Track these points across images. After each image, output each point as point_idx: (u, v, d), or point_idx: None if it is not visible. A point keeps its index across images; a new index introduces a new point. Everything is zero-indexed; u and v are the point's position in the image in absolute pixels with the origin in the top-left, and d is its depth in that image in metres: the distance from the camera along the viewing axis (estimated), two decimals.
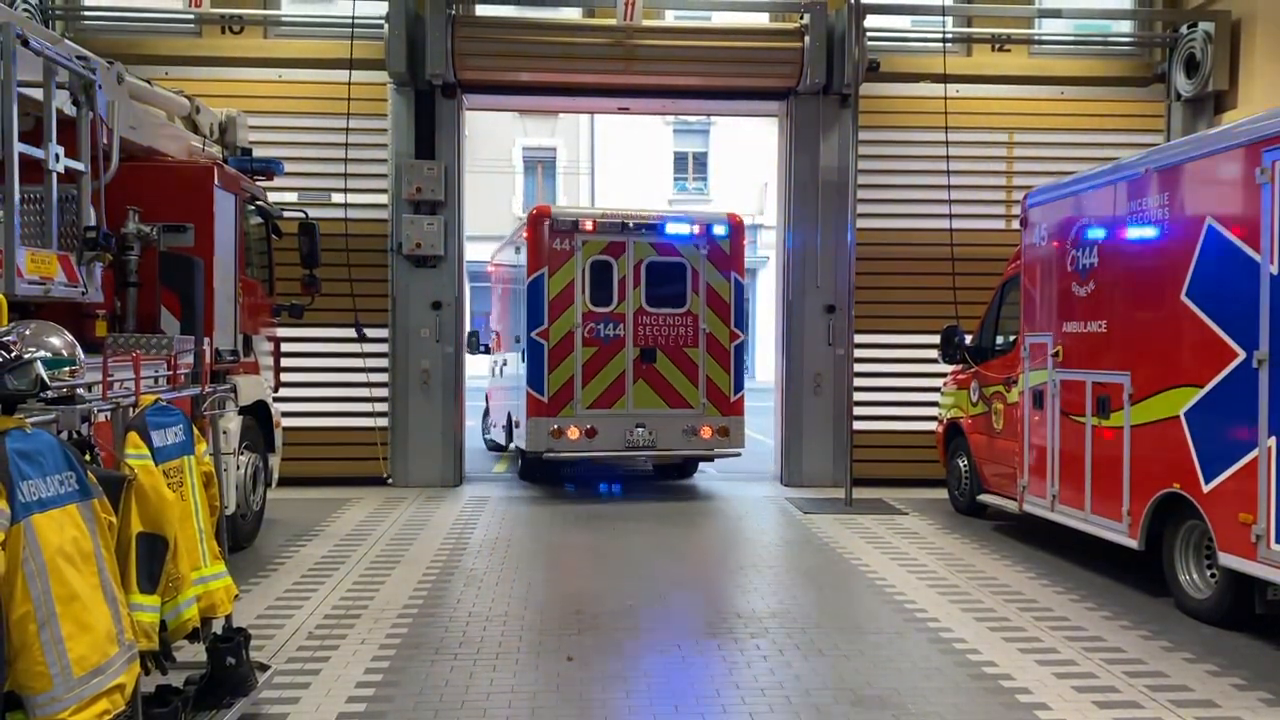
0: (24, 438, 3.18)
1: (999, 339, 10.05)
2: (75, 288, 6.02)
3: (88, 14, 12.45)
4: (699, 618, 6.70)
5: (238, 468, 8.29)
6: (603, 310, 11.67)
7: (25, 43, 5.45)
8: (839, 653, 5.97)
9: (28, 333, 4.05)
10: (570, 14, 12.88)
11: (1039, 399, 8.69)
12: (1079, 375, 8.13)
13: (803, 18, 12.08)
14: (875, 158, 12.43)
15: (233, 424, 8.03)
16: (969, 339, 10.38)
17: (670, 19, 13.47)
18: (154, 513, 3.93)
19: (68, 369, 3.91)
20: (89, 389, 3.93)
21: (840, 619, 6.75)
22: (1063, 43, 13.09)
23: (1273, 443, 5.93)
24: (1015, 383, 9.23)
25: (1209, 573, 6.71)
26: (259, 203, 9.21)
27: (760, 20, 13.24)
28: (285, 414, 10.00)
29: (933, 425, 11.43)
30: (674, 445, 11.91)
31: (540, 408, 11.57)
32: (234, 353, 8.27)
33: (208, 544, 4.50)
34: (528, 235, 11.76)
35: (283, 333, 10.12)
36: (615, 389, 11.69)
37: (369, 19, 12.08)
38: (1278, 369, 5.94)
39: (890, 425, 12.47)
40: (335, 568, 8.02)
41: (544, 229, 11.59)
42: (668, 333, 11.80)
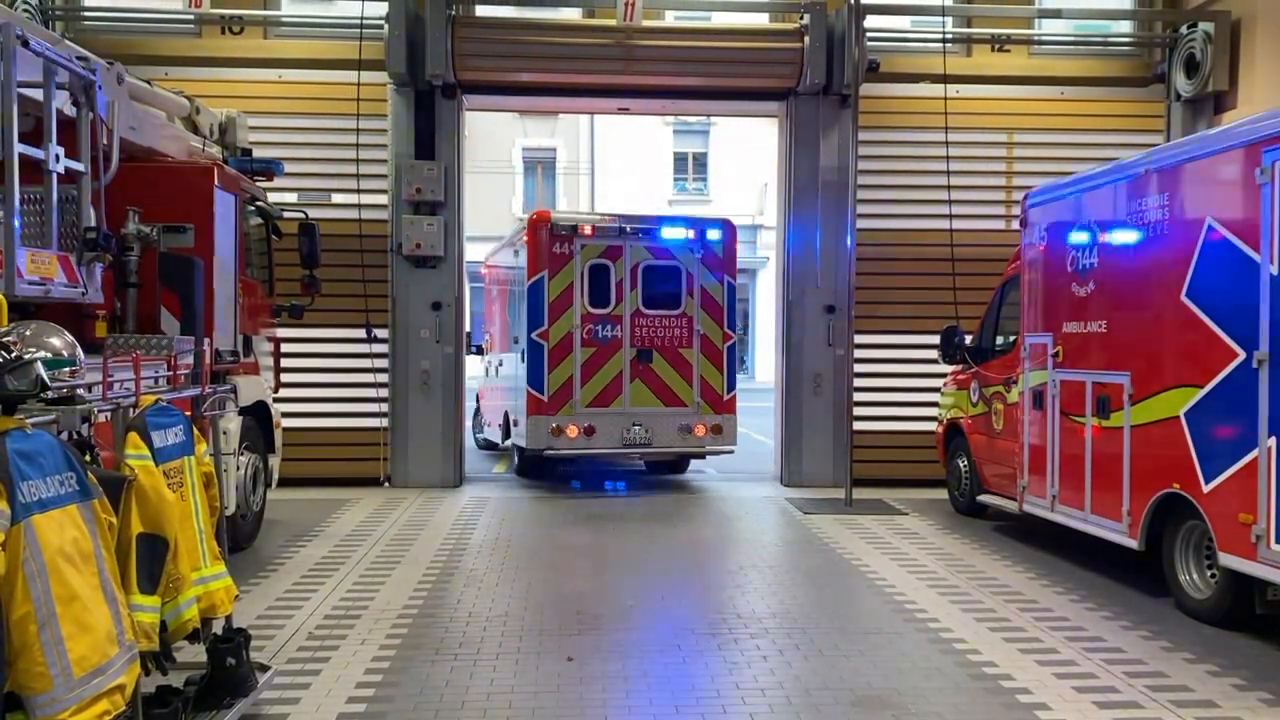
0: (24, 438, 3.18)
1: (999, 339, 10.06)
2: (75, 288, 6.02)
3: (88, 14, 12.45)
4: (699, 618, 6.70)
5: (238, 468, 8.29)
6: (601, 312, 11.97)
7: (25, 43, 5.45)
8: (839, 653, 5.97)
9: (28, 333, 4.05)
10: (570, 14, 12.88)
11: (1039, 399, 8.69)
12: (1079, 375, 8.14)
13: (802, 18, 12.08)
14: (875, 158, 12.43)
15: (233, 425, 8.03)
16: (969, 339, 10.38)
17: (670, 19, 13.48)
18: (154, 513, 3.93)
19: (68, 369, 3.91)
20: (89, 389, 3.93)
21: (840, 619, 6.76)
22: (1062, 43, 13.08)
23: (1273, 443, 5.93)
24: (1015, 383, 9.23)
25: (1209, 573, 6.71)
26: (259, 203, 9.21)
27: (760, 21, 13.25)
28: (285, 414, 10.00)
29: (932, 425, 11.43)
30: (669, 443, 12.22)
31: (540, 407, 11.85)
32: (234, 353, 8.27)
33: (208, 544, 4.50)
34: (528, 239, 12.05)
35: (282, 333, 10.13)
36: (613, 388, 11.99)
37: (369, 19, 12.08)
38: (1277, 369, 5.94)
39: (890, 425, 12.47)
40: (335, 568, 8.02)
41: (544, 233, 11.89)
42: (663, 334, 12.12)
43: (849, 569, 8.20)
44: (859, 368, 11.91)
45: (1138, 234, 7.40)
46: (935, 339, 10.71)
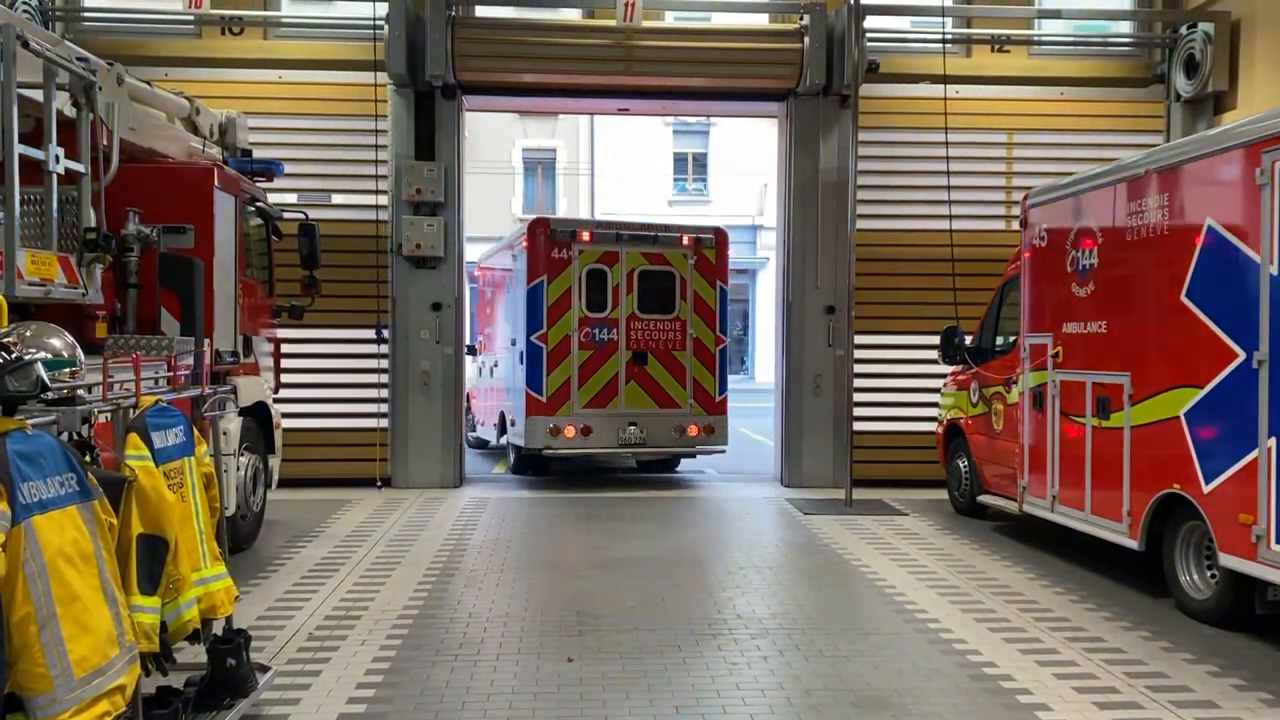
0: (25, 439, 3.18)
1: (999, 340, 10.06)
2: (75, 289, 6.02)
3: (88, 15, 12.45)
4: (699, 618, 6.69)
5: (238, 469, 8.29)
6: (598, 315, 12.41)
7: (25, 44, 5.45)
8: (839, 653, 5.97)
9: (28, 334, 4.05)
10: (570, 15, 12.88)
11: (1039, 400, 8.69)
12: (1079, 376, 8.14)
13: (802, 19, 12.08)
14: (875, 158, 12.43)
15: (233, 425, 8.03)
16: (969, 340, 10.38)
17: (670, 20, 13.48)
18: (154, 514, 3.93)
19: (68, 370, 3.91)
20: (89, 390, 3.93)
21: (840, 620, 6.76)
22: (1062, 43, 13.08)
23: (1273, 443, 5.93)
24: (1015, 383, 9.23)
25: (1209, 573, 6.71)
26: (259, 204, 9.21)
27: (760, 21, 13.24)
28: (285, 415, 10.00)
29: (932, 426, 11.44)
30: (664, 443, 12.68)
31: (539, 407, 12.24)
32: (234, 354, 8.27)
33: (208, 545, 4.50)
34: (527, 244, 12.44)
35: (282, 334, 10.13)
36: (609, 390, 12.44)
37: (369, 20, 12.08)
38: (1277, 369, 5.94)
39: (890, 426, 12.47)
40: (335, 569, 8.02)
41: (543, 239, 12.31)
42: (658, 337, 12.60)
43: (849, 569, 8.20)
44: (859, 368, 11.91)
45: (1138, 235, 7.40)
46: (935, 339, 10.72)
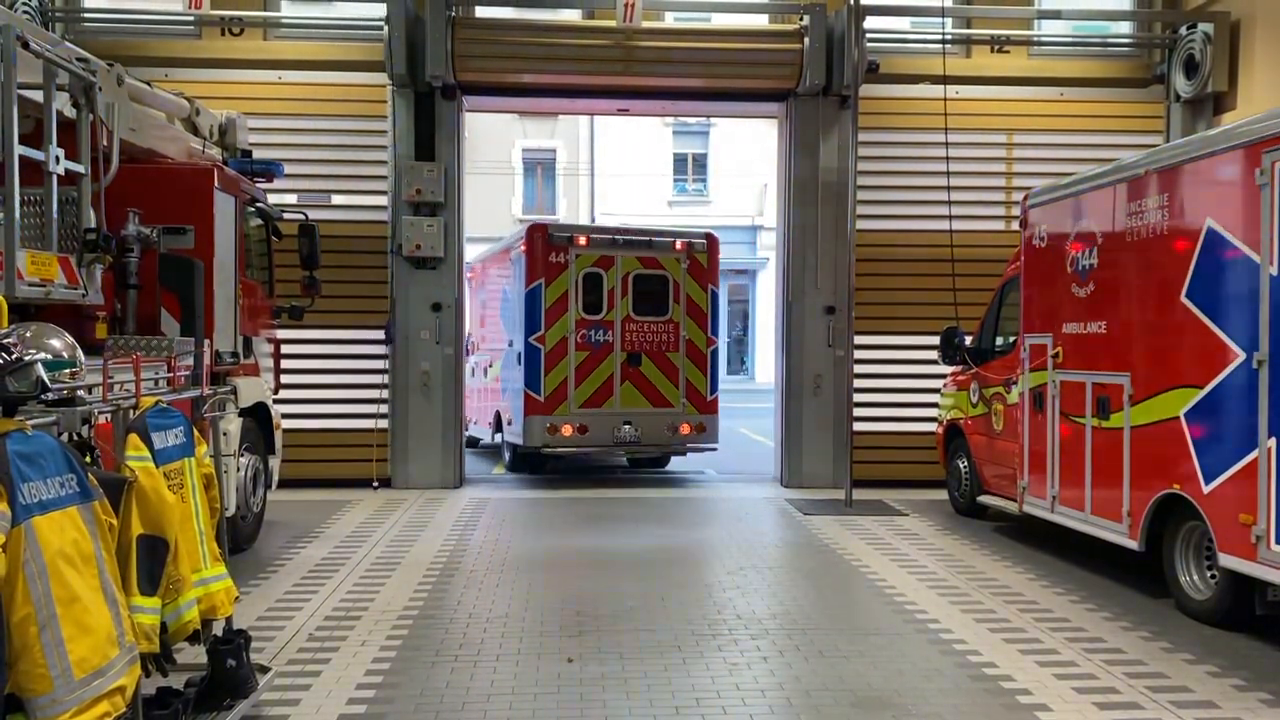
0: (25, 440, 3.19)
1: (999, 340, 10.06)
2: (75, 290, 6.02)
3: (88, 16, 12.46)
4: (699, 619, 6.69)
5: (238, 470, 8.29)
6: (594, 318, 12.82)
7: (25, 45, 5.45)
8: (839, 654, 5.97)
9: (28, 335, 4.05)
10: (570, 16, 12.89)
11: (1039, 400, 8.69)
12: (1079, 376, 8.14)
13: (802, 19, 12.09)
14: (875, 159, 12.44)
15: (233, 426, 8.03)
16: (969, 340, 10.38)
17: (670, 21, 13.49)
18: (154, 515, 3.93)
19: (68, 371, 3.90)
20: (89, 391, 3.93)
21: (840, 620, 6.76)
22: (1062, 44, 13.08)
23: (1273, 443, 5.93)
24: (1015, 384, 9.23)
25: (1209, 574, 6.71)
26: (259, 204, 9.21)
27: (760, 22, 13.24)
28: (285, 416, 9.99)
29: (932, 426, 11.44)
30: (657, 441, 13.15)
31: (537, 406, 12.64)
32: (234, 355, 8.27)
33: (208, 546, 4.50)
34: (525, 248, 12.82)
35: (282, 334, 10.13)
36: (605, 390, 12.85)
37: (369, 21, 12.10)
38: (1277, 370, 5.94)
39: (890, 426, 12.47)
40: (335, 570, 8.02)
41: (541, 243, 12.72)
42: (652, 338, 13.04)
43: (849, 570, 8.20)
44: (859, 368, 11.91)
45: (1137, 235, 7.41)
46: (935, 340, 10.72)
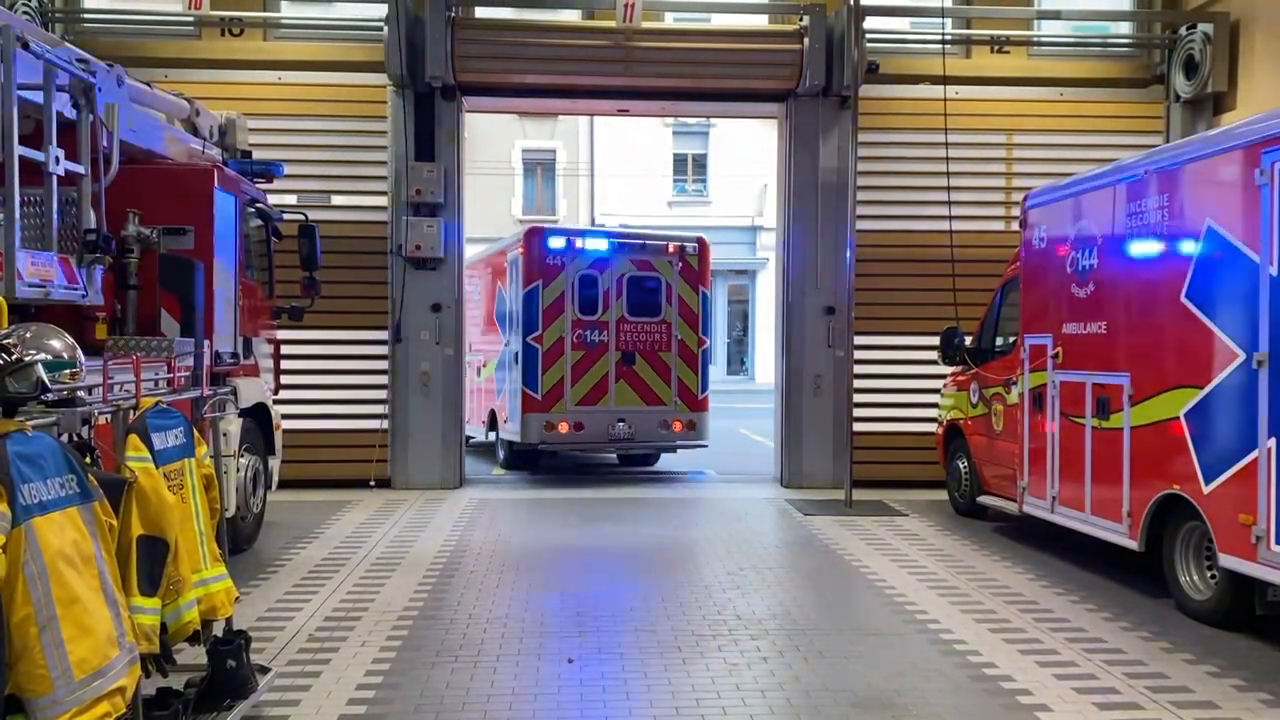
0: (25, 441, 3.19)
1: (999, 340, 10.06)
2: (75, 290, 6.02)
3: (88, 17, 12.46)
4: (699, 619, 6.69)
5: (238, 470, 8.28)
6: (589, 318, 13.26)
7: (25, 45, 5.45)
8: (839, 654, 5.97)
9: (28, 335, 4.05)
10: (570, 16, 12.89)
11: (1039, 400, 8.69)
12: (1079, 376, 8.14)
13: (802, 20, 12.09)
14: (875, 159, 12.43)
15: (233, 426, 8.01)
16: (969, 340, 10.38)
17: (669, 21, 13.49)
18: (155, 515, 3.93)
19: (68, 372, 3.91)
20: (89, 392, 3.93)
21: (840, 620, 6.76)
22: (1062, 44, 13.08)
23: (1272, 444, 5.94)
24: (1015, 384, 9.23)
25: (1209, 574, 6.71)
26: (259, 205, 9.21)
27: (759, 22, 13.25)
28: (285, 416, 9.99)
29: (932, 427, 11.43)
30: (650, 438, 13.60)
31: (535, 405, 13.07)
32: (234, 355, 8.27)
33: (208, 546, 4.50)
34: (523, 251, 13.25)
35: (282, 335, 10.12)
36: (600, 388, 13.28)
37: (368, 21, 12.10)
38: (1277, 370, 5.94)
39: (890, 426, 12.46)
40: (335, 570, 8.02)
41: (539, 246, 13.15)
42: (645, 339, 13.46)
43: (849, 570, 8.20)
44: (859, 369, 11.91)
45: (1137, 235, 7.41)
46: (935, 340, 10.71)
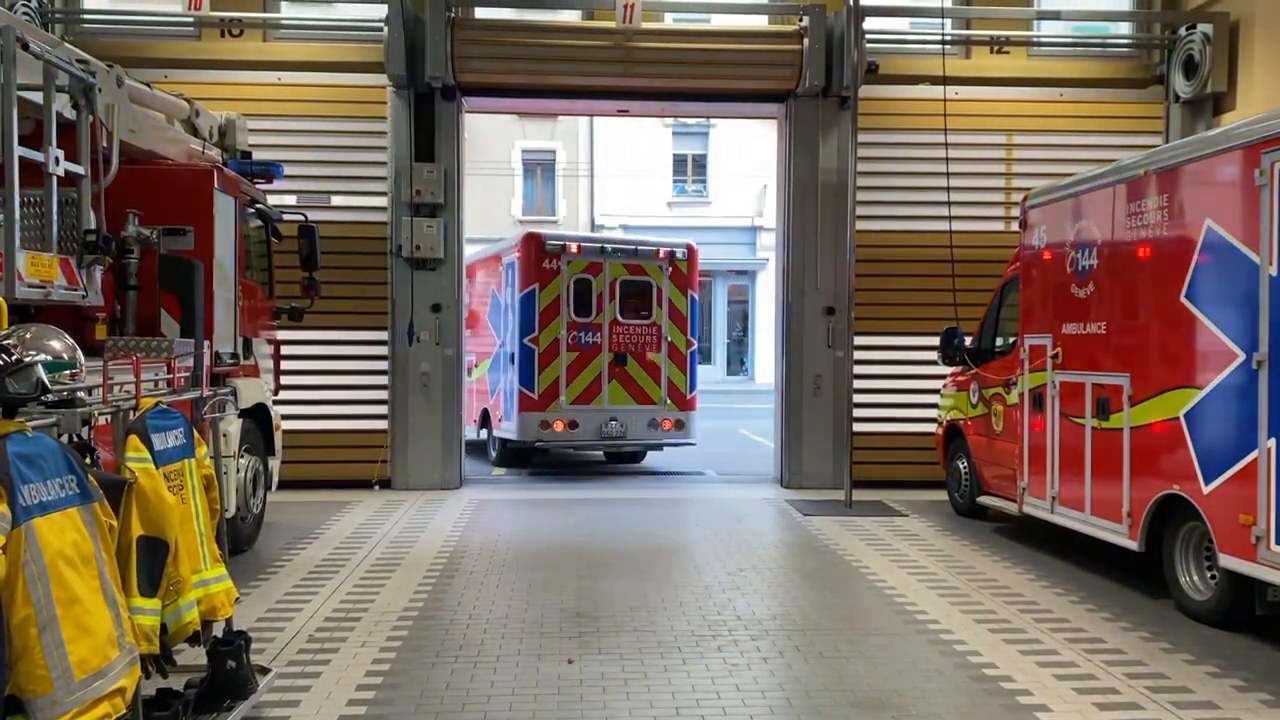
0: (25, 441, 3.19)
1: (998, 341, 10.06)
2: (75, 291, 6.02)
3: (87, 17, 12.45)
4: (699, 619, 6.69)
5: (238, 471, 8.28)
6: (583, 320, 13.72)
7: (25, 46, 5.45)
8: (839, 654, 5.97)
9: (28, 336, 4.06)
10: (569, 17, 12.89)
11: (1039, 401, 8.70)
12: (1078, 377, 8.14)
13: (801, 20, 12.09)
14: (874, 160, 12.42)
15: (233, 427, 8.02)
16: (968, 341, 10.38)
17: (669, 22, 13.47)
18: (155, 516, 3.93)
19: (68, 372, 3.91)
20: (89, 392, 3.93)
21: (840, 621, 6.76)
22: (1061, 45, 13.07)
23: (1272, 444, 5.94)
24: (1015, 384, 9.24)
25: (1209, 574, 6.71)
26: (258, 205, 9.21)
27: (759, 23, 13.24)
28: (285, 417, 9.99)
29: (932, 427, 11.44)
30: (641, 436, 14.07)
31: (531, 404, 13.54)
32: (234, 356, 8.27)
33: (208, 547, 4.50)
34: (520, 255, 13.73)
35: (282, 335, 10.12)
36: (593, 388, 13.75)
37: (368, 22, 12.10)
38: (1277, 370, 5.94)
39: (890, 427, 12.46)
40: (335, 571, 8.02)
41: (536, 251, 13.57)
42: (636, 340, 13.97)
43: (849, 570, 8.20)
44: (859, 369, 11.91)
45: (1137, 235, 7.41)
46: (935, 340, 10.72)
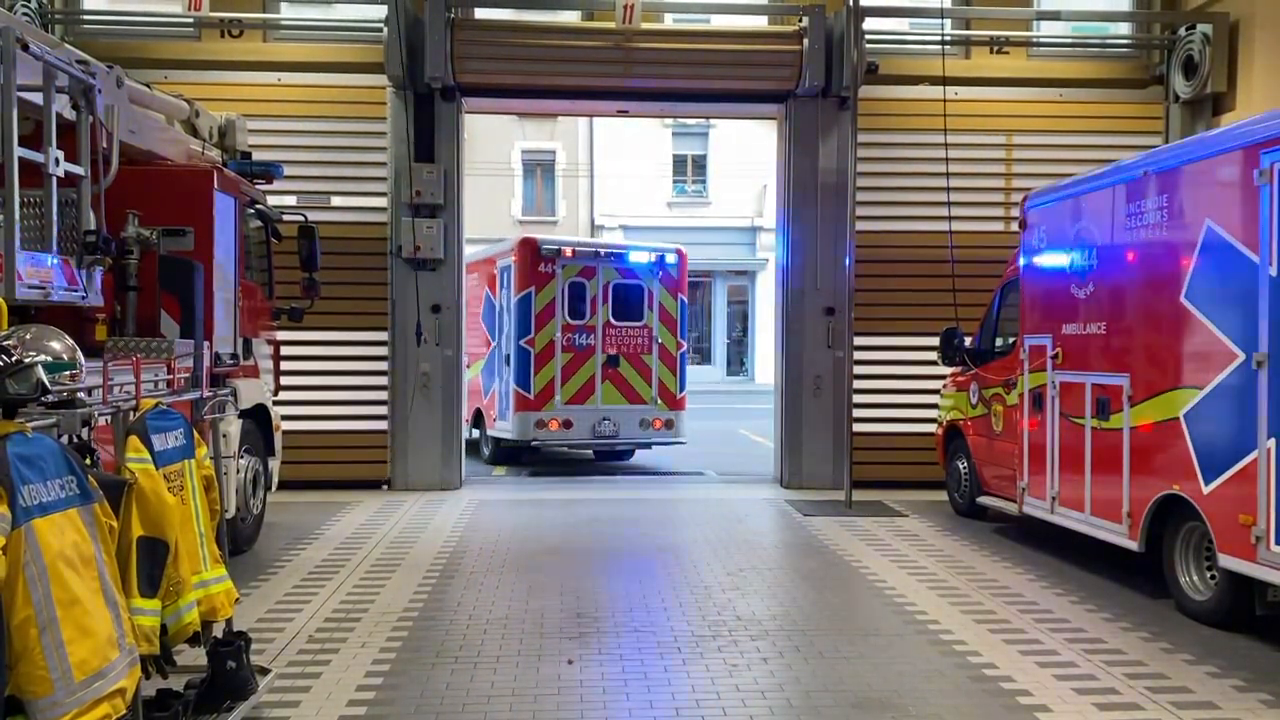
0: (25, 442, 3.18)
1: (998, 341, 10.06)
2: (75, 292, 6.01)
3: (87, 18, 12.46)
4: (699, 620, 6.69)
5: (238, 471, 8.28)
6: (578, 323, 14.16)
7: (25, 47, 5.45)
8: (839, 655, 5.97)
9: (28, 337, 4.06)
10: (569, 17, 12.90)
11: (1038, 401, 8.70)
12: (1078, 377, 8.14)
13: (801, 20, 12.09)
14: (874, 160, 12.41)
15: (233, 427, 8.02)
16: (968, 341, 10.38)
17: (669, 22, 13.48)
18: (155, 516, 3.93)
19: (68, 373, 3.91)
20: (89, 393, 3.93)
21: (840, 621, 6.76)
22: (1061, 45, 13.07)
23: (1272, 444, 5.94)
24: (1015, 385, 9.24)
25: (1209, 574, 6.71)
26: (258, 206, 9.21)
27: (759, 23, 13.25)
28: (285, 417, 9.98)
29: (932, 427, 11.44)
30: (633, 435, 14.50)
31: (527, 404, 13.97)
32: (234, 356, 8.27)
33: (208, 547, 4.51)
34: (516, 259, 14.16)
35: (282, 336, 10.12)
36: (587, 388, 14.18)
37: (368, 22, 12.10)
38: (1277, 370, 5.95)
39: (890, 427, 12.46)
40: (335, 571, 8.02)
41: (532, 255, 14.01)
42: (629, 342, 14.39)
43: (849, 571, 8.20)
44: (858, 369, 11.91)
45: (1137, 236, 7.41)
46: (935, 341, 10.72)
